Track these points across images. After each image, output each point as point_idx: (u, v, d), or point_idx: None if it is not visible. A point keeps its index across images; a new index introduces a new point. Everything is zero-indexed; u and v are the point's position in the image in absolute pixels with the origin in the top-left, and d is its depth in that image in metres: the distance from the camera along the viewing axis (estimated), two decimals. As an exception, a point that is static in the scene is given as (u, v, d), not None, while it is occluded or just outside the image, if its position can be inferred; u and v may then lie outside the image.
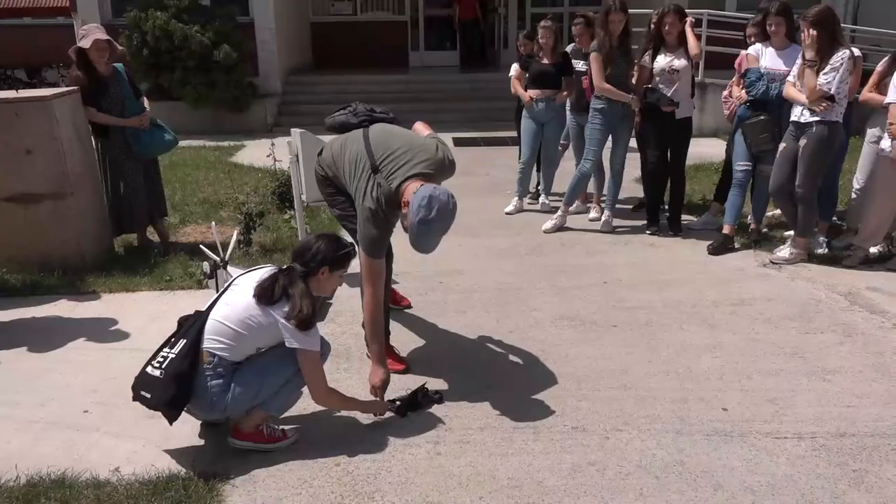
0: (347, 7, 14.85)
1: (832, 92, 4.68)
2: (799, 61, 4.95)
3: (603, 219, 6.00)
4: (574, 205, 6.27)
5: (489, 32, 15.45)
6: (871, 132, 5.15)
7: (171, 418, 2.83)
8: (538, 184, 6.79)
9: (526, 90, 6.32)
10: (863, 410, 3.22)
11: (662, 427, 3.11)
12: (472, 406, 3.29)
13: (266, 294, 2.83)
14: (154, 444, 3.02)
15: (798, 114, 4.92)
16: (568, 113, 6.29)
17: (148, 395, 2.82)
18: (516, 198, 6.62)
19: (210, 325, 2.86)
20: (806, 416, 3.18)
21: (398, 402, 3.25)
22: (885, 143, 4.82)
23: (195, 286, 4.71)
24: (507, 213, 6.52)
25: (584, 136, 5.90)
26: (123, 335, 4.09)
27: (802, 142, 4.89)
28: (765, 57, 5.28)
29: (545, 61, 6.19)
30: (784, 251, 5.14)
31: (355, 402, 3.18)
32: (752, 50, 5.38)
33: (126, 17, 10.62)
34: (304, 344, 2.85)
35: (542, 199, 6.67)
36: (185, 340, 2.85)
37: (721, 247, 5.38)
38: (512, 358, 3.78)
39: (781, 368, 3.62)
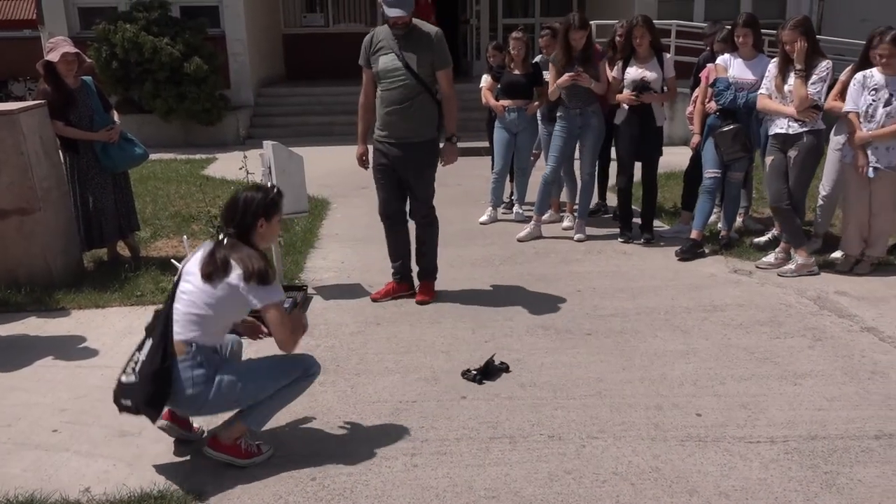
0: (319, 19, 14.84)
1: (821, 102, 4.80)
2: (770, 74, 5.02)
3: (575, 227, 6.05)
4: (547, 213, 6.32)
5: (461, 43, 15.52)
6: (836, 139, 5.26)
7: (153, 417, 2.78)
8: (512, 193, 6.83)
9: (497, 100, 6.36)
10: (833, 413, 3.27)
11: (638, 434, 3.13)
12: (448, 417, 3.29)
13: (211, 272, 2.80)
14: (125, 462, 2.97)
15: (784, 126, 4.95)
16: (539, 123, 6.34)
17: (129, 403, 2.77)
18: (490, 208, 6.65)
19: (176, 318, 2.82)
20: (778, 419, 3.22)
21: (474, 372, 3.60)
22: (848, 151, 4.95)
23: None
24: (482, 223, 6.54)
25: None
26: (93, 352, 4.02)
27: (793, 153, 4.93)
28: (733, 67, 5.38)
29: (516, 72, 6.24)
30: (790, 265, 5.07)
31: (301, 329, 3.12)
32: (720, 60, 5.48)
33: (94, 30, 10.52)
34: (268, 298, 2.80)
35: (515, 208, 6.70)
36: (150, 340, 2.81)
37: (689, 251, 5.44)
38: (488, 368, 3.77)
39: (753, 373, 3.66)
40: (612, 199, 6.67)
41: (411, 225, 4.73)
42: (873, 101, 4.74)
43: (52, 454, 3.05)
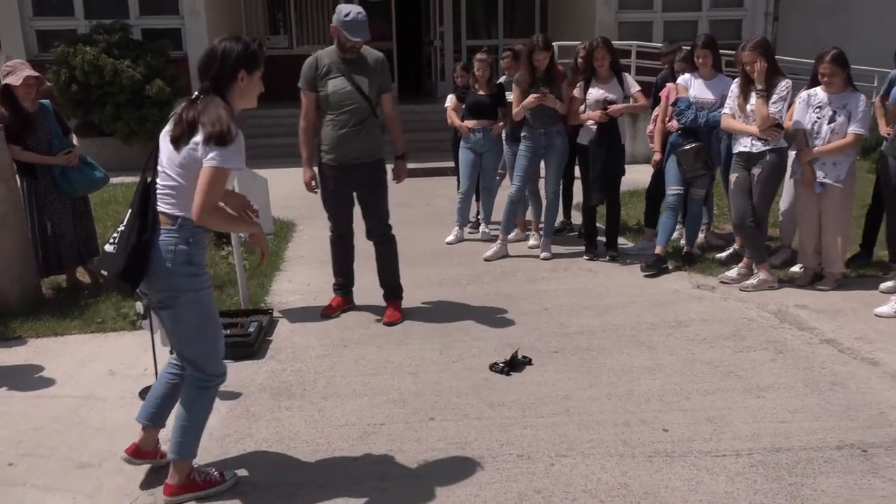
0: (283, 41, 14.82)
1: (783, 120, 4.91)
2: (733, 94, 5.13)
3: (541, 246, 6.09)
4: (513, 233, 6.36)
5: (426, 65, 15.63)
6: (792, 155, 5.39)
7: (127, 290, 2.71)
8: (478, 213, 6.86)
9: (462, 121, 6.41)
10: (796, 425, 3.32)
11: (606, 451, 3.14)
12: (416, 439, 3.26)
13: (178, 136, 2.63)
14: (85, 495, 2.88)
15: (748, 144, 5.02)
16: (504, 143, 6.40)
17: (106, 273, 2.71)
18: (457, 227, 6.67)
19: (157, 189, 2.69)
20: (743, 433, 3.26)
21: (502, 364, 3.88)
22: (797, 168, 5.09)
23: (129, 327, 4.56)
24: (448, 243, 6.55)
25: None
26: (50, 381, 3.91)
27: (756, 170, 5.01)
28: (693, 87, 5.51)
29: (481, 92, 6.30)
30: (752, 279, 5.15)
31: (241, 221, 2.96)
32: (681, 80, 5.61)
33: (53, 52, 10.36)
34: (224, 162, 2.56)
35: (482, 228, 6.73)
36: (130, 211, 2.71)
37: (654, 266, 5.51)
38: (456, 388, 3.76)
39: (718, 387, 3.71)
40: (576, 218, 6.74)
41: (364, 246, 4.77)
42: (818, 118, 4.88)
43: (8, 488, 2.95)
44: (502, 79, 6.56)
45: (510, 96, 6.20)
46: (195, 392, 2.83)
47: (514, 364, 3.95)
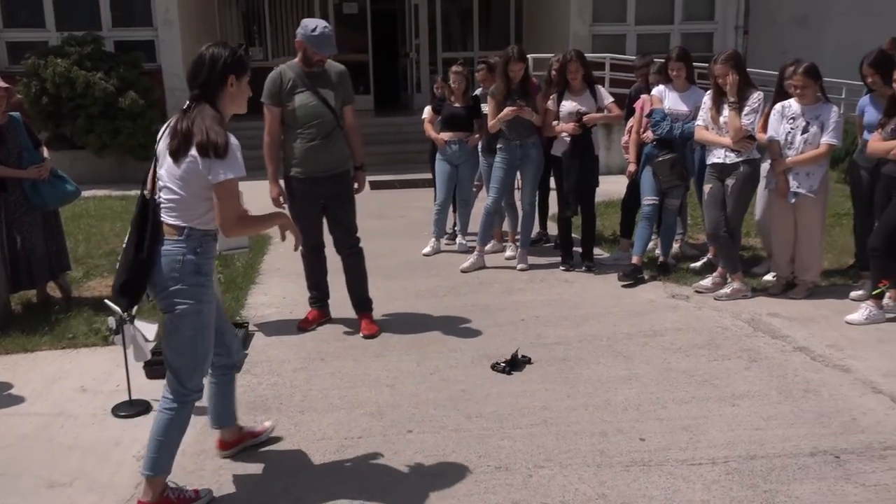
0: (258, 53, 14.76)
1: (755, 132, 4.98)
2: (706, 106, 5.20)
3: (518, 257, 6.12)
4: (490, 244, 6.37)
5: (402, 77, 15.66)
6: (765, 166, 5.47)
7: (122, 305, 2.78)
8: (454, 225, 6.87)
9: (439, 133, 6.43)
10: (770, 432, 3.36)
11: (583, 461, 3.15)
12: (394, 452, 3.24)
13: (176, 148, 2.62)
14: (55, 514, 2.83)
15: (721, 156, 5.09)
16: (480, 155, 6.43)
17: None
18: (433, 239, 6.67)
19: (161, 202, 2.69)
20: (718, 441, 3.29)
21: (503, 364, 4.02)
22: (771, 178, 5.16)
23: (101, 343, 4.49)
24: (425, 255, 6.55)
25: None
26: (19, 399, 3.83)
27: (730, 181, 5.08)
28: (667, 98, 5.58)
29: (457, 105, 6.33)
30: (726, 288, 5.20)
31: (265, 219, 2.98)
32: (655, 91, 5.68)
33: (24, 65, 10.24)
34: (228, 173, 2.59)
35: (458, 239, 6.74)
36: (130, 228, 2.73)
37: (631, 276, 5.55)
38: (433, 400, 3.75)
39: (694, 396, 3.74)
40: (552, 229, 6.77)
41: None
42: (791, 129, 4.97)
43: (-25, 509, 2.89)
44: (478, 91, 6.60)
45: (486, 108, 6.23)
46: (172, 406, 2.80)
47: (515, 363, 4.06)
